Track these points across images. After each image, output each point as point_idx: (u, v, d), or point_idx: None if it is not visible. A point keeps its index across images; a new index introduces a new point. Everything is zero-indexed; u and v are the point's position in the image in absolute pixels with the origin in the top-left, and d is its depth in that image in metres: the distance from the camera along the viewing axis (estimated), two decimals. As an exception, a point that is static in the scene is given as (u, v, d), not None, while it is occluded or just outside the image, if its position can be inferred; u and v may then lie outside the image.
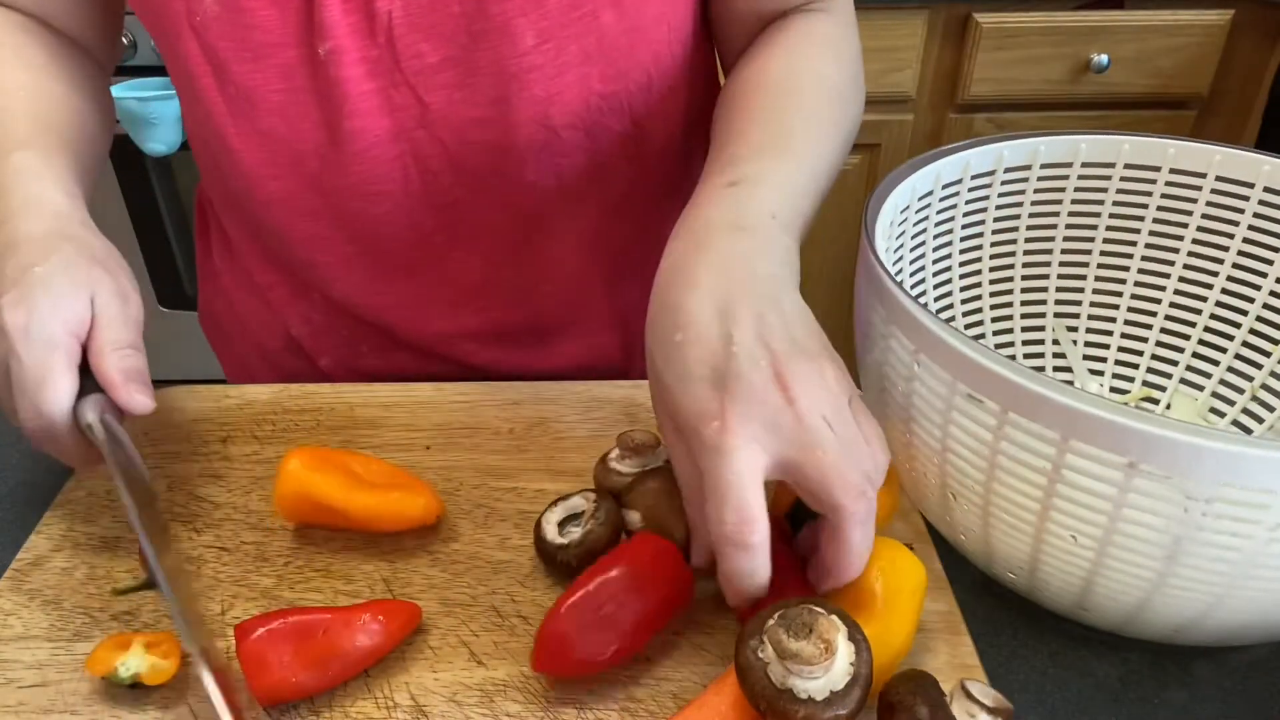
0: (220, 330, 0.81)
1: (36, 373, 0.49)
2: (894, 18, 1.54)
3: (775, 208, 0.51)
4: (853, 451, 0.44)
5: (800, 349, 0.45)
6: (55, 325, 0.50)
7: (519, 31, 0.58)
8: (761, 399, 0.43)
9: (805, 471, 0.44)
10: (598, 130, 0.64)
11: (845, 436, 0.44)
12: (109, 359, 0.51)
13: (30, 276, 0.51)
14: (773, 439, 0.43)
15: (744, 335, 0.45)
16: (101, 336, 0.52)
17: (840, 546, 0.45)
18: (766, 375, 0.44)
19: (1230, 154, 0.59)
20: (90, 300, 0.52)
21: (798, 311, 0.47)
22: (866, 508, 0.44)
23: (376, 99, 0.60)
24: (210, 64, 0.60)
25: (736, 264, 0.48)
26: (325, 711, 0.47)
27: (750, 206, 0.51)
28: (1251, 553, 0.41)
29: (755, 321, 0.45)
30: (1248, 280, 0.62)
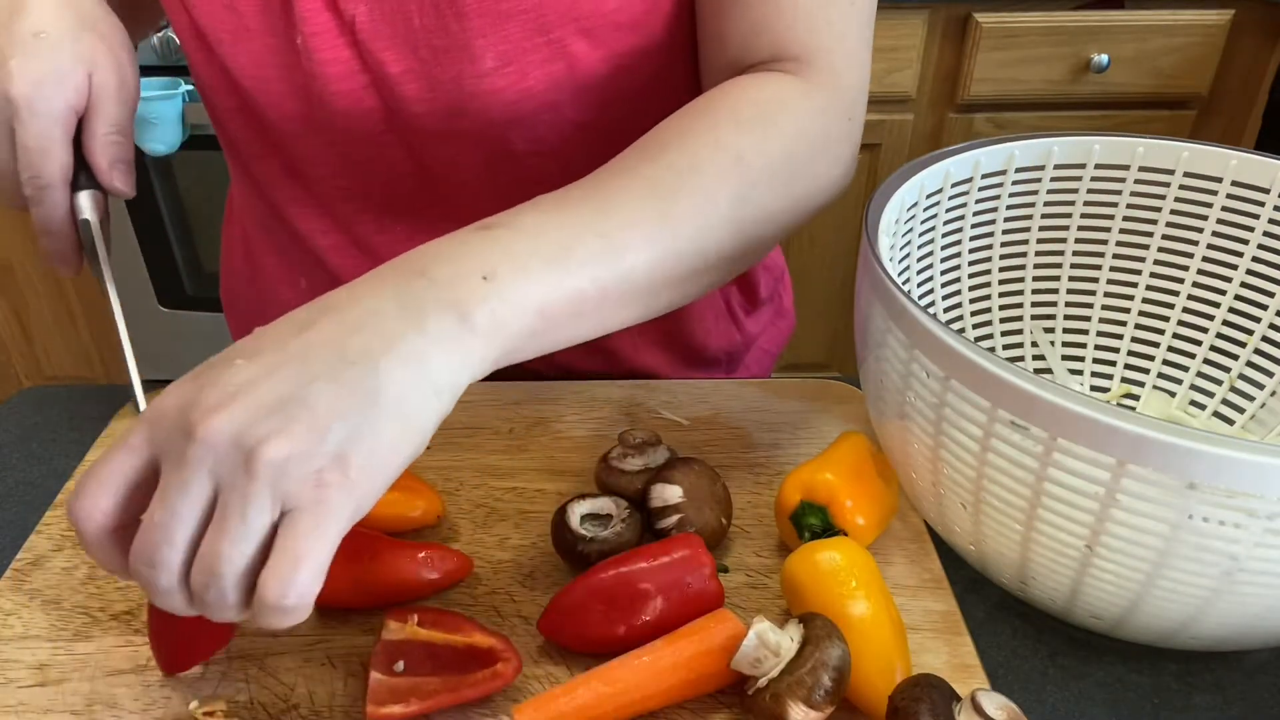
0: (233, 306, 0.81)
1: (39, 143, 0.53)
2: (894, 18, 1.54)
3: (500, 268, 0.41)
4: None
5: (253, 433, 0.36)
6: (58, 101, 0.53)
7: (479, 52, 0.56)
8: (179, 419, 0.37)
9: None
10: (568, 158, 0.62)
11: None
12: (99, 141, 0.55)
13: (36, 43, 0.53)
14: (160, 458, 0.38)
15: (253, 367, 0.37)
16: (95, 116, 0.55)
17: None
18: (201, 405, 0.36)
19: (1246, 158, 0.59)
20: (89, 75, 0.54)
21: (333, 409, 0.36)
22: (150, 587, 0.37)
23: (348, 99, 0.59)
24: (197, 38, 0.60)
25: (362, 306, 0.39)
26: (325, 712, 0.47)
27: (462, 256, 0.41)
28: (1241, 555, 0.41)
29: (284, 364, 0.37)
30: (1218, 273, 0.62)
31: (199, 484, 0.36)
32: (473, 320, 0.40)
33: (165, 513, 0.36)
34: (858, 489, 0.53)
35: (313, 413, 0.36)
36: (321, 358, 0.37)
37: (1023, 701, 0.48)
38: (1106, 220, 0.64)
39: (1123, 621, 0.48)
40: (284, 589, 0.35)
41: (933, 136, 1.71)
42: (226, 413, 0.36)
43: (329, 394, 0.36)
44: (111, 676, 0.49)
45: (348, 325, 0.38)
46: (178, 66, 1.59)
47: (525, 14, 0.55)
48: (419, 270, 0.41)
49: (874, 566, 0.49)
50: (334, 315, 0.39)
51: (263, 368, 0.37)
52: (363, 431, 0.37)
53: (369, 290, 0.40)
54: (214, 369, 0.38)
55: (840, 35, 0.56)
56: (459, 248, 0.42)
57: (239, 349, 0.39)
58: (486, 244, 0.42)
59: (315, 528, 0.36)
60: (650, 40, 0.59)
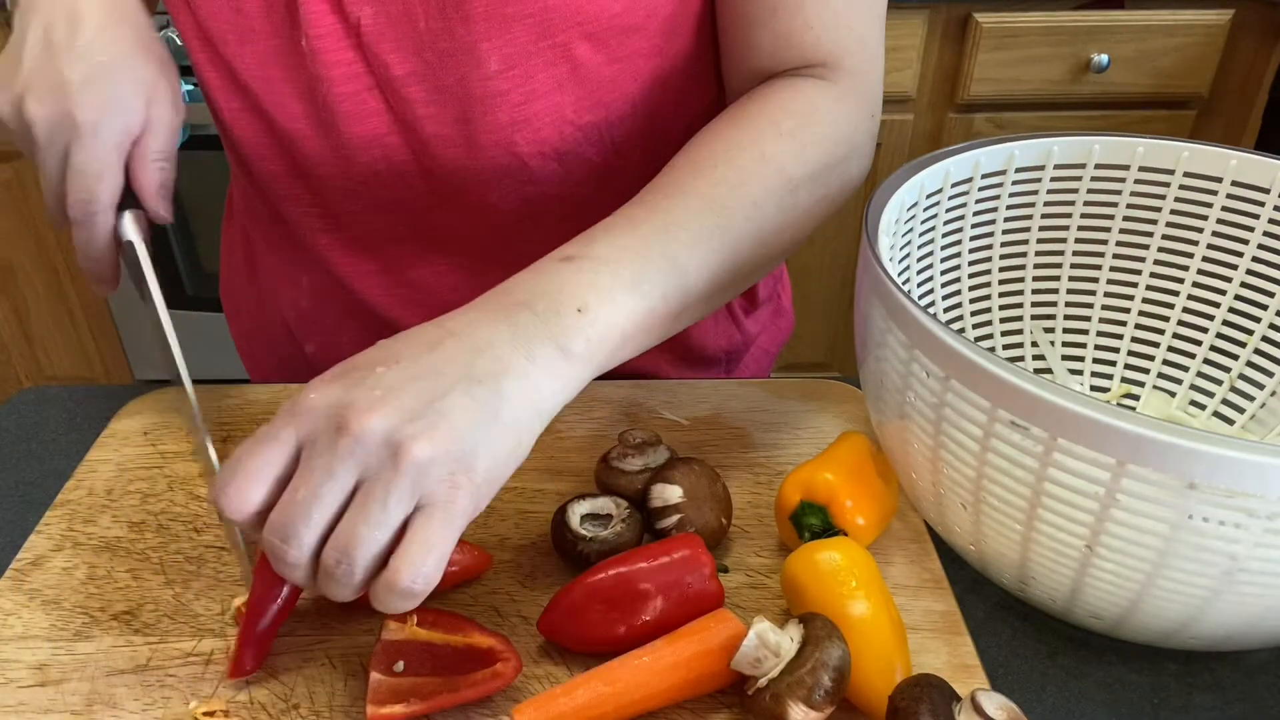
0: (233, 305, 0.81)
1: (97, 167, 0.55)
2: (894, 18, 1.54)
3: (590, 300, 0.46)
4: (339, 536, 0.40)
5: (404, 433, 0.40)
6: (119, 128, 0.55)
7: (484, 55, 0.57)
8: (330, 412, 0.41)
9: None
10: (572, 161, 0.63)
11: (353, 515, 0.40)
12: (149, 167, 0.57)
13: (101, 69, 0.55)
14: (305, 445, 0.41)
15: (395, 374, 0.42)
16: (146, 142, 0.56)
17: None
18: (355, 404, 0.41)
19: (1246, 158, 0.59)
20: (148, 103, 0.56)
21: (466, 420, 0.41)
22: (279, 559, 0.41)
23: (353, 101, 0.59)
24: (201, 39, 0.60)
25: (482, 333, 0.44)
26: (325, 712, 0.47)
27: (557, 290, 0.46)
28: (1241, 555, 0.41)
29: (424, 374, 0.42)
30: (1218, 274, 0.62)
31: (346, 473, 0.40)
32: (571, 350, 0.45)
33: (309, 493, 0.40)
34: (858, 489, 0.53)
35: (450, 421, 0.40)
36: (453, 374, 0.42)
37: (1023, 701, 0.48)
38: (1106, 220, 0.64)
39: (1123, 621, 0.48)
40: (415, 574, 0.39)
41: (933, 136, 1.71)
42: (380, 413, 0.40)
43: (463, 406, 0.41)
44: (111, 676, 0.49)
45: (471, 349, 0.43)
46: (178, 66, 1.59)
47: (530, 17, 0.56)
48: (524, 303, 0.45)
49: (874, 566, 0.49)
50: (458, 340, 0.43)
51: (403, 376, 0.42)
52: (488, 442, 0.41)
53: (483, 319, 0.45)
54: (356, 372, 0.42)
55: (861, 39, 0.59)
56: (552, 280, 0.47)
57: (376, 358, 0.43)
58: (575, 277, 0.47)
59: (446, 523, 0.40)
60: (652, 43, 0.60)
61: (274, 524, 0.41)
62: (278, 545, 0.41)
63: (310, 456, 0.41)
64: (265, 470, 0.41)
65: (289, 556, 0.41)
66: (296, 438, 0.41)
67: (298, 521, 0.40)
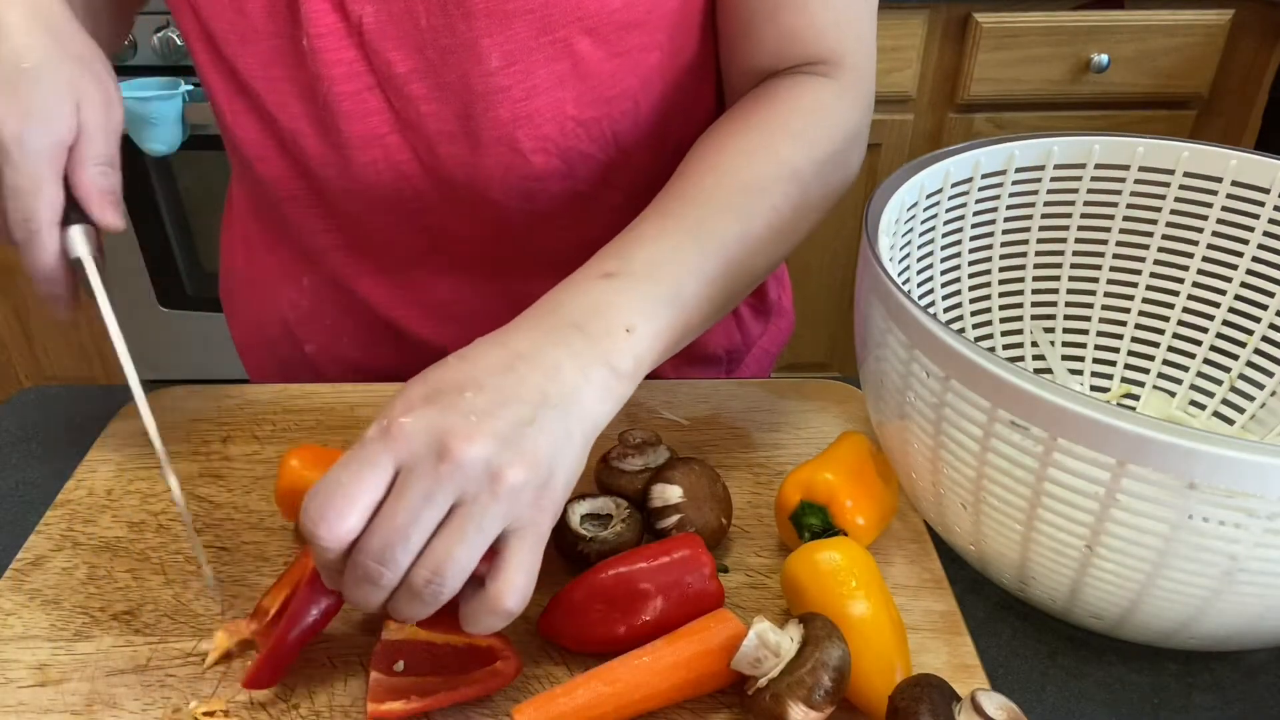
0: (232, 305, 0.81)
1: (30, 184, 0.51)
2: (894, 18, 1.54)
3: (635, 319, 0.48)
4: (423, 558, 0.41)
5: (502, 460, 0.41)
6: (49, 138, 0.51)
7: (485, 51, 0.57)
8: (429, 438, 0.41)
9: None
10: (574, 158, 0.63)
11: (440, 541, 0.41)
12: (88, 173, 0.53)
13: (20, 76, 0.51)
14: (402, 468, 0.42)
15: (482, 398, 0.43)
16: (82, 150, 0.53)
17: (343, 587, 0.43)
18: (454, 429, 0.41)
19: (1246, 158, 0.59)
20: (77, 107, 0.52)
21: (549, 444, 0.43)
22: (370, 582, 0.42)
23: (354, 100, 0.59)
24: (204, 40, 0.60)
25: (548, 357, 0.45)
26: (325, 712, 0.47)
27: (605, 310, 0.48)
28: (1241, 555, 0.41)
29: (509, 399, 0.43)
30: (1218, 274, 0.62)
31: (444, 498, 0.41)
32: (621, 370, 0.47)
33: (408, 517, 0.41)
34: (858, 489, 0.53)
35: (536, 446, 0.42)
36: (532, 399, 0.43)
37: (1023, 701, 0.48)
38: (1106, 220, 0.64)
39: (1123, 621, 0.48)
40: (516, 595, 0.42)
41: (933, 136, 1.71)
42: (479, 441, 0.41)
43: (546, 431, 0.43)
44: (111, 676, 0.49)
45: (542, 372, 0.44)
46: (178, 66, 1.59)
47: (531, 13, 0.56)
48: (577, 325, 0.47)
49: (874, 566, 0.49)
50: (529, 364, 0.45)
51: (491, 402, 0.43)
52: (564, 463, 0.43)
53: (545, 341, 0.46)
54: (444, 396, 0.43)
55: (859, 36, 0.61)
56: (599, 299, 0.48)
57: (458, 380, 0.44)
58: (620, 296, 0.48)
59: (537, 544, 0.43)
60: (653, 39, 0.60)
61: (371, 548, 0.41)
62: (373, 569, 0.41)
63: (410, 481, 0.41)
64: (364, 497, 0.41)
65: (383, 579, 0.41)
66: (395, 463, 0.42)
67: (396, 545, 0.41)
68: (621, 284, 0.49)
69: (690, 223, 0.53)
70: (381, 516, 0.41)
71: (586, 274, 0.50)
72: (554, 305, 0.48)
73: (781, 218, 0.55)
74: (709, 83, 0.66)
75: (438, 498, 0.41)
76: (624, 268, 0.50)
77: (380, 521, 0.41)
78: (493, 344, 0.46)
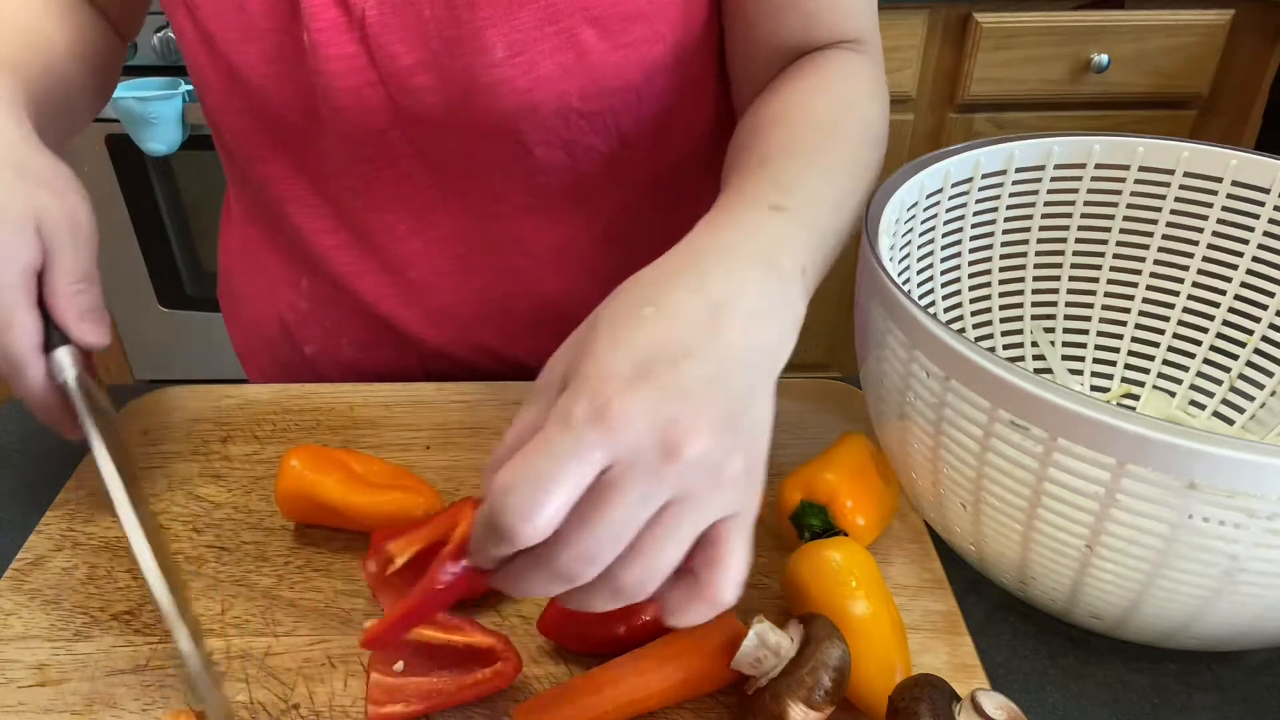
0: (230, 306, 0.81)
1: (2, 317, 0.49)
2: (894, 18, 1.54)
3: (807, 261, 0.45)
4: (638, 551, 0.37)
5: (727, 452, 0.38)
6: (12, 268, 0.49)
7: (490, 42, 0.57)
8: (654, 432, 0.37)
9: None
10: (578, 150, 0.63)
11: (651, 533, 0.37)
12: (61, 297, 0.51)
13: None
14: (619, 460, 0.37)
15: (699, 372, 0.38)
16: (52, 272, 0.51)
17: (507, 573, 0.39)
18: (679, 421, 0.37)
19: (1246, 158, 0.59)
20: (37, 230, 0.50)
21: (763, 417, 0.40)
22: (568, 581, 0.38)
23: (354, 96, 0.59)
24: (202, 40, 0.60)
25: (750, 303, 0.41)
26: (325, 712, 0.47)
27: (788, 249, 0.45)
28: (1241, 555, 0.41)
29: (726, 372, 0.39)
30: (1218, 273, 0.62)
31: (663, 495, 0.37)
32: (800, 313, 0.44)
33: (624, 518, 0.36)
34: (858, 489, 0.53)
35: (754, 425, 0.39)
36: (744, 365, 0.39)
37: (1023, 701, 0.48)
38: (1106, 220, 0.64)
39: (1123, 621, 0.48)
40: (733, 586, 0.38)
41: (933, 136, 1.71)
42: (707, 435, 0.37)
43: (758, 403, 0.40)
44: (111, 676, 0.49)
45: (746, 325, 0.40)
46: (178, 66, 1.59)
47: (535, 3, 0.56)
48: (767, 263, 0.43)
49: (874, 566, 0.49)
50: (732, 314, 0.40)
51: (709, 377, 0.38)
52: (767, 432, 0.40)
53: (742, 279, 0.42)
54: (661, 370, 0.38)
55: (870, 13, 0.62)
56: (779, 232, 0.45)
57: (664, 342, 0.39)
58: (794, 230, 0.46)
59: (749, 528, 0.39)
60: (656, 30, 0.60)
61: (581, 549, 0.36)
62: (576, 569, 0.37)
63: (630, 478, 0.36)
64: (569, 490, 0.36)
65: (582, 578, 0.37)
66: (612, 455, 0.36)
67: (608, 548, 0.36)
68: (790, 220, 0.46)
69: (821, 170, 0.51)
70: (594, 514, 0.36)
71: (754, 203, 0.46)
72: (735, 236, 0.44)
73: (871, 178, 0.56)
74: (710, 76, 0.66)
75: (656, 496, 0.37)
76: (789, 201, 0.47)
77: (592, 520, 0.36)
78: (686, 288, 0.41)
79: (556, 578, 0.37)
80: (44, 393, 0.51)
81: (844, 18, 0.61)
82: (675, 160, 0.68)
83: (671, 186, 0.70)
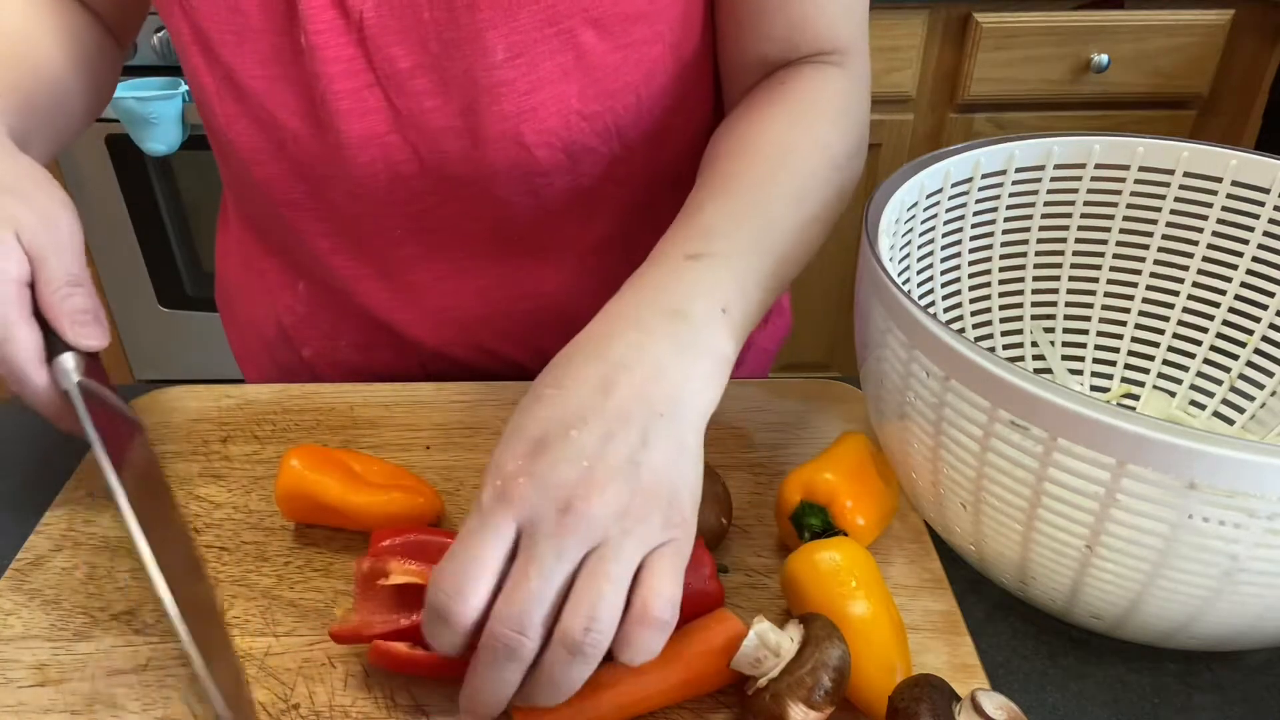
0: (228, 309, 0.81)
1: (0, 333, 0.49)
2: (894, 18, 1.54)
3: (729, 299, 0.47)
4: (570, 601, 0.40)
5: (624, 499, 0.40)
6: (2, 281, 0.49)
7: (490, 44, 0.57)
8: (548, 495, 0.40)
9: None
10: (579, 151, 0.63)
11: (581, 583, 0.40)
12: (50, 303, 0.51)
13: None
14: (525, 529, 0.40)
15: (589, 435, 0.41)
16: (41, 277, 0.51)
17: (468, 680, 0.42)
18: (571, 481, 0.40)
19: (1246, 158, 0.59)
20: (16, 237, 0.50)
21: (666, 458, 0.42)
22: (509, 655, 0.40)
23: (352, 99, 0.59)
24: (198, 43, 0.60)
25: (649, 357, 0.44)
26: (325, 712, 0.47)
27: (702, 292, 0.47)
28: (1241, 555, 0.41)
29: (615, 428, 0.41)
30: (1218, 273, 0.62)
31: (574, 553, 0.39)
32: (724, 353, 0.46)
33: (542, 580, 0.39)
34: (858, 489, 0.53)
35: (655, 471, 0.41)
36: (637, 418, 0.42)
37: (1023, 701, 0.48)
38: (1106, 220, 0.64)
39: (1123, 621, 0.48)
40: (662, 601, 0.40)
41: (933, 136, 1.71)
42: (600, 491, 0.40)
43: (659, 450, 0.42)
44: (111, 676, 0.49)
45: (645, 380, 0.43)
46: (178, 67, 1.59)
47: (535, 4, 0.56)
48: (676, 311, 0.45)
49: (874, 566, 0.49)
50: (629, 372, 0.43)
51: (599, 436, 0.41)
52: (684, 474, 0.42)
53: (644, 339, 0.44)
54: (550, 443, 0.41)
55: (859, 23, 0.62)
56: (694, 280, 0.47)
57: (559, 417, 0.42)
58: (712, 275, 0.47)
59: (678, 558, 0.41)
60: (656, 31, 0.60)
61: (507, 617, 0.39)
62: (512, 638, 0.39)
63: (535, 542, 0.40)
64: (492, 565, 0.40)
65: (524, 649, 0.39)
66: (516, 525, 0.40)
67: (533, 610, 0.39)
68: (708, 265, 0.48)
69: (757, 206, 0.53)
70: (514, 583, 0.39)
71: (669, 255, 0.48)
72: (644, 295, 0.47)
73: (828, 206, 0.57)
74: (707, 78, 0.66)
75: (569, 552, 0.39)
76: (707, 248, 0.49)
77: (513, 587, 0.39)
78: (588, 358, 0.44)
79: (503, 657, 0.39)
80: (47, 400, 0.51)
81: (830, 24, 0.61)
82: (674, 160, 0.68)
83: (670, 187, 0.69)
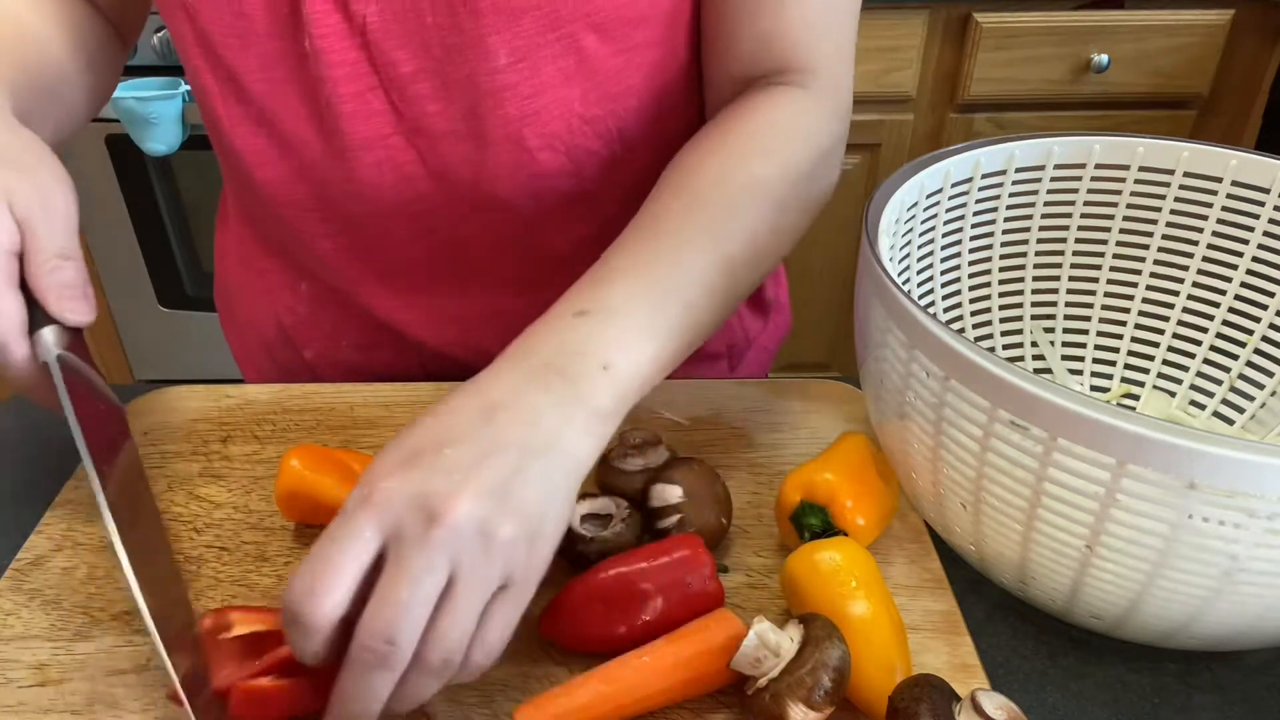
0: (227, 310, 0.81)
1: None
2: (894, 18, 1.54)
3: (611, 357, 0.47)
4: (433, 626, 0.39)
5: (493, 518, 0.40)
6: None
7: (493, 48, 0.57)
8: (414, 503, 0.40)
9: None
10: (581, 154, 0.63)
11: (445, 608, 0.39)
12: (37, 275, 0.50)
13: None
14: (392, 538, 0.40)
15: (464, 454, 0.41)
16: (31, 248, 0.50)
17: (336, 691, 0.41)
18: (440, 492, 0.40)
19: (1246, 158, 0.59)
20: (9, 208, 0.50)
21: (537, 494, 0.42)
22: (379, 665, 0.39)
23: (356, 102, 0.59)
24: (201, 45, 0.60)
25: (527, 403, 0.44)
26: (325, 711, 0.47)
27: (582, 350, 0.46)
28: (1241, 555, 0.41)
29: (491, 452, 0.42)
30: (1218, 273, 0.62)
31: (443, 564, 0.39)
32: (602, 409, 0.45)
33: (411, 591, 0.38)
34: (858, 489, 0.53)
35: (523, 498, 0.41)
36: (515, 448, 0.42)
37: (1023, 701, 0.48)
38: (1106, 220, 0.64)
39: (1123, 621, 0.48)
40: (484, 651, 0.41)
41: (933, 136, 1.71)
42: (468, 499, 0.40)
43: (532, 482, 0.42)
44: (111, 676, 0.49)
45: (521, 420, 0.43)
46: (178, 67, 1.59)
47: (538, 9, 0.56)
48: (554, 367, 0.45)
49: (874, 566, 0.49)
50: (509, 412, 0.43)
51: (472, 456, 0.41)
52: (552, 510, 0.42)
53: (523, 387, 0.45)
54: (424, 456, 0.41)
55: (838, 43, 0.61)
56: (574, 338, 0.47)
57: (435, 436, 0.42)
58: (596, 333, 0.47)
59: (520, 603, 0.42)
60: (656, 34, 0.60)
61: (375, 629, 0.38)
62: (381, 649, 0.38)
63: (403, 552, 0.39)
64: (350, 568, 0.39)
65: (392, 660, 0.39)
66: (380, 532, 0.40)
67: (403, 623, 0.38)
68: (596, 321, 0.48)
69: (665, 251, 0.52)
70: (382, 592, 0.39)
71: (559, 313, 0.49)
72: (528, 348, 0.47)
73: (759, 238, 0.55)
74: (698, 82, 0.67)
75: (436, 567, 0.39)
76: (597, 304, 0.48)
77: (383, 598, 0.39)
78: (469, 394, 0.44)
79: (373, 666, 0.39)
80: (26, 372, 0.51)
81: (794, 43, 0.59)
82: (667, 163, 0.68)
83: None
